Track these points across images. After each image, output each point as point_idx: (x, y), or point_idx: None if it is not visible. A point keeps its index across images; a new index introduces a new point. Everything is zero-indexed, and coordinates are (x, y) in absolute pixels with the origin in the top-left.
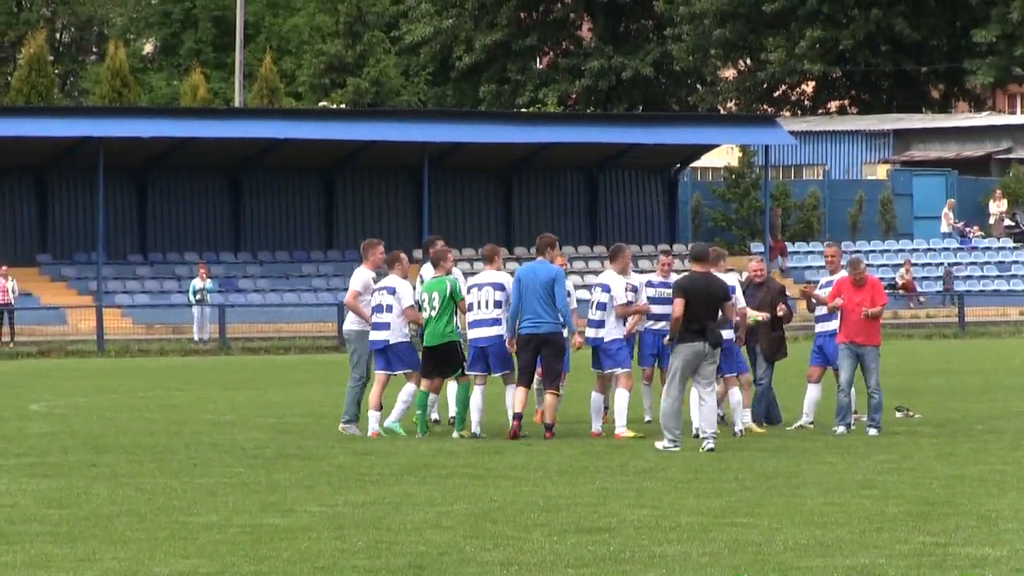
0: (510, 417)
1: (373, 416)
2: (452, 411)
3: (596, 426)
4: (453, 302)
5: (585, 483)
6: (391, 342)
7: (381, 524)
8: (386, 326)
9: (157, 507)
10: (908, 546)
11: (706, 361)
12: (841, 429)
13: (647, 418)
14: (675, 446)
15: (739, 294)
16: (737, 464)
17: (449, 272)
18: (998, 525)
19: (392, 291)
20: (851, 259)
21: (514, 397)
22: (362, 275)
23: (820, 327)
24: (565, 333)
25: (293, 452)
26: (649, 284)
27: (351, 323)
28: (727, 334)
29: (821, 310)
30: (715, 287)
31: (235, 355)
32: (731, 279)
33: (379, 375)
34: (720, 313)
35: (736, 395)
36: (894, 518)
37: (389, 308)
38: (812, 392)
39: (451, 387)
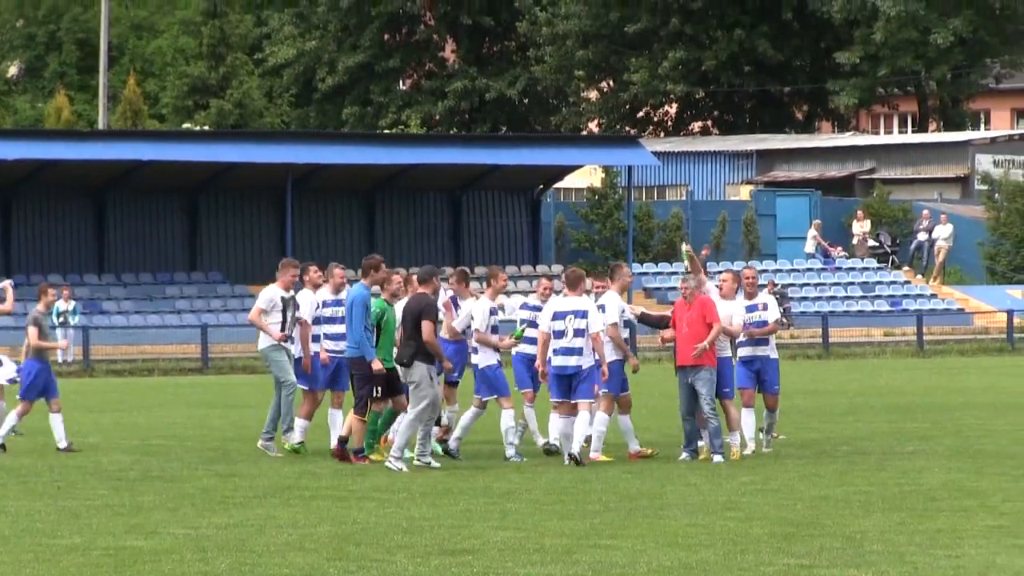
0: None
1: (301, 425)
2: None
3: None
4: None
5: (449, 504)
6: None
7: (244, 546)
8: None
9: (21, 529)
10: (773, 568)
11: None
12: (684, 456)
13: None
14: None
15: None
16: (601, 485)
17: (395, 295)
18: (863, 546)
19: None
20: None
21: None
22: (269, 293)
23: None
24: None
25: (157, 474)
26: (524, 307)
27: (264, 341)
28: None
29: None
30: (412, 306)
31: (99, 377)
32: (586, 302)
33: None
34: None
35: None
36: (758, 540)
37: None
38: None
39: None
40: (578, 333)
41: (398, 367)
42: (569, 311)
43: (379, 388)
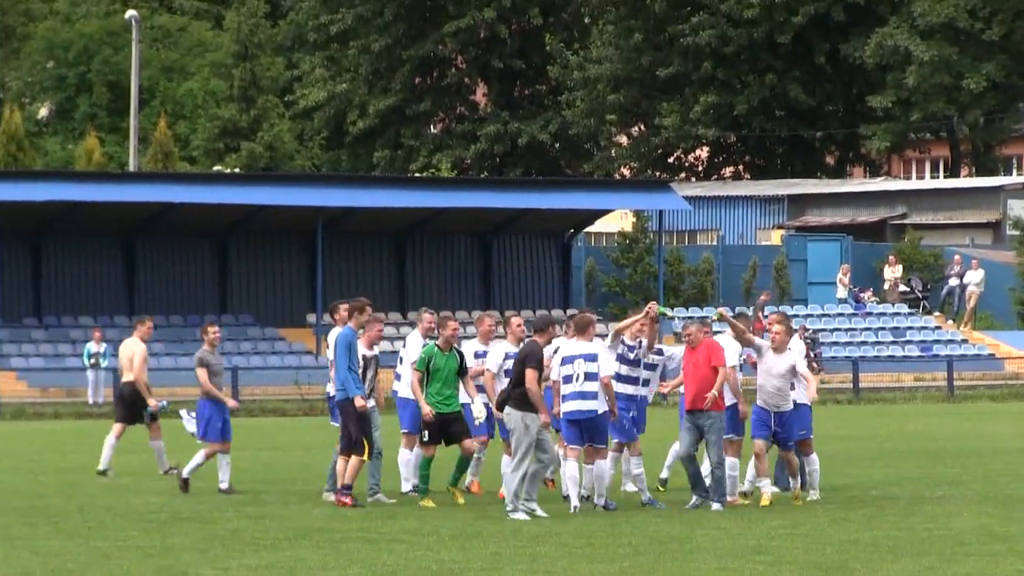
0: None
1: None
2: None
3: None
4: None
5: (478, 548)
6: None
7: None
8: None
9: (51, 570)
10: None
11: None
12: (694, 500)
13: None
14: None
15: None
16: (630, 529)
17: (449, 341)
18: None
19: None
20: (684, 324)
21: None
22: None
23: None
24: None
25: (187, 515)
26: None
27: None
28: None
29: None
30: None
31: None
32: (595, 346)
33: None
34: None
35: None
36: None
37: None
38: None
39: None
40: (589, 377)
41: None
42: (578, 355)
43: (427, 432)
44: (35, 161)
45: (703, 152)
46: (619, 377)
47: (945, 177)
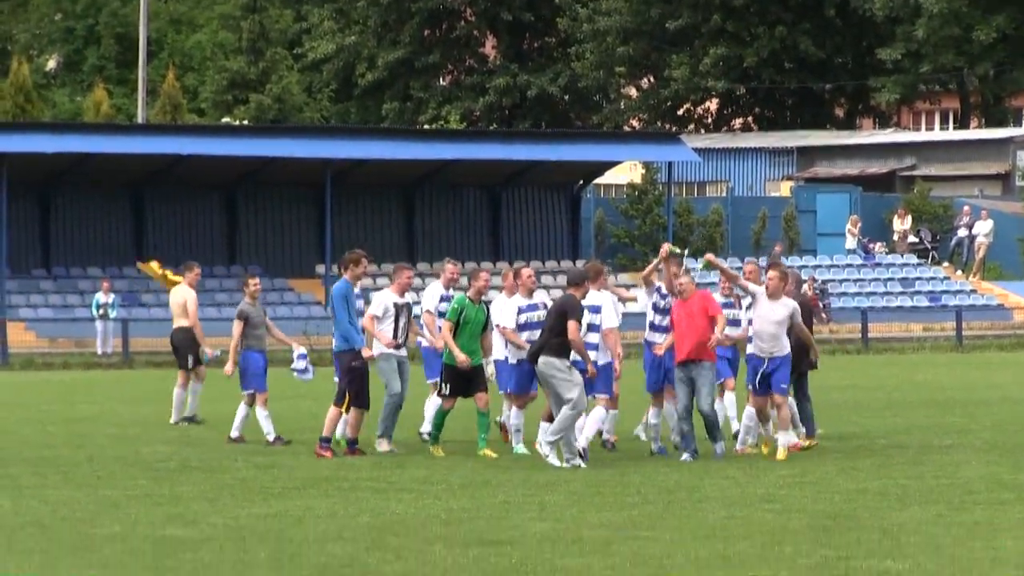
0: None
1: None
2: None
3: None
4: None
5: (487, 496)
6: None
7: (283, 536)
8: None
9: (60, 518)
10: (810, 560)
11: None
12: (685, 457)
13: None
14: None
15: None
16: (639, 478)
17: (481, 292)
18: (900, 539)
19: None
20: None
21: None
22: (382, 298)
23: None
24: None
25: (196, 465)
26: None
27: (375, 348)
28: (594, 355)
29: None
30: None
31: (138, 369)
32: (604, 297)
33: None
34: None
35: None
36: (796, 532)
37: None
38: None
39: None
40: (591, 328)
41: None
42: (585, 306)
43: (447, 385)
44: (43, 113)
45: (712, 104)
46: (652, 326)
47: (954, 129)
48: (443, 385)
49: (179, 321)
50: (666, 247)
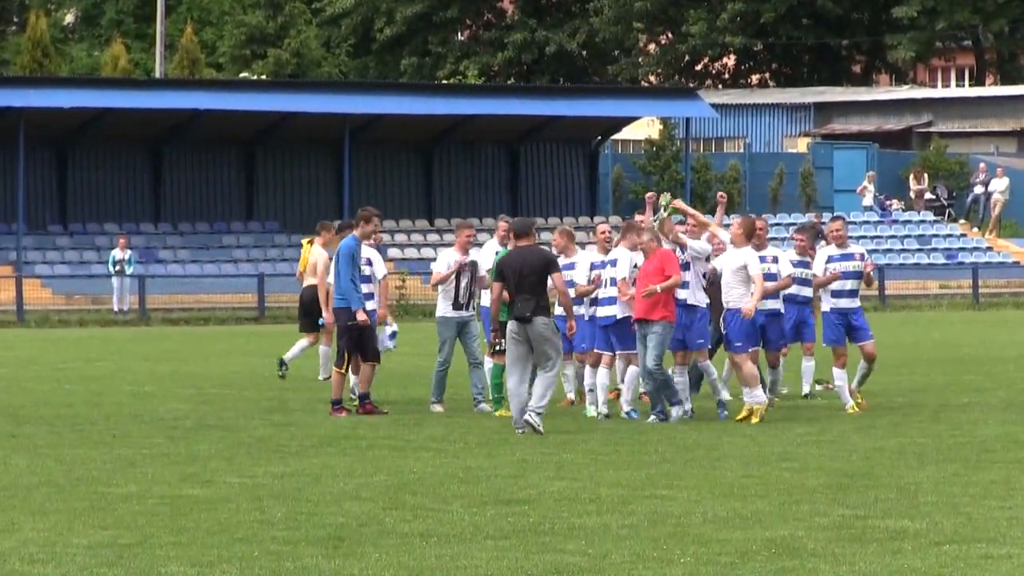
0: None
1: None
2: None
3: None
4: None
5: (505, 455)
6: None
7: (300, 495)
8: None
9: (76, 478)
10: (827, 519)
11: (534, 337)
12: (651, 419)
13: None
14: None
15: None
16: (657, 436)
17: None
18: (917, 498)
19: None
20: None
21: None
22: (446, 257)
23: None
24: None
25: (213, 423)
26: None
27: (439, 308)
28: (614, 310)
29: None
30: (531, 260)
31: (155, 326)
32: (618, 251)
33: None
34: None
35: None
36: (813, 490)
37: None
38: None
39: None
40: (611, 282)
41: (517, 323)
42: (608, 260)
43: (501, 340)
44: (61, 68)
45: (730, 60)
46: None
47: (970, 85)
48: (497, 341)
49: (309, 280)
50: (651, 196)
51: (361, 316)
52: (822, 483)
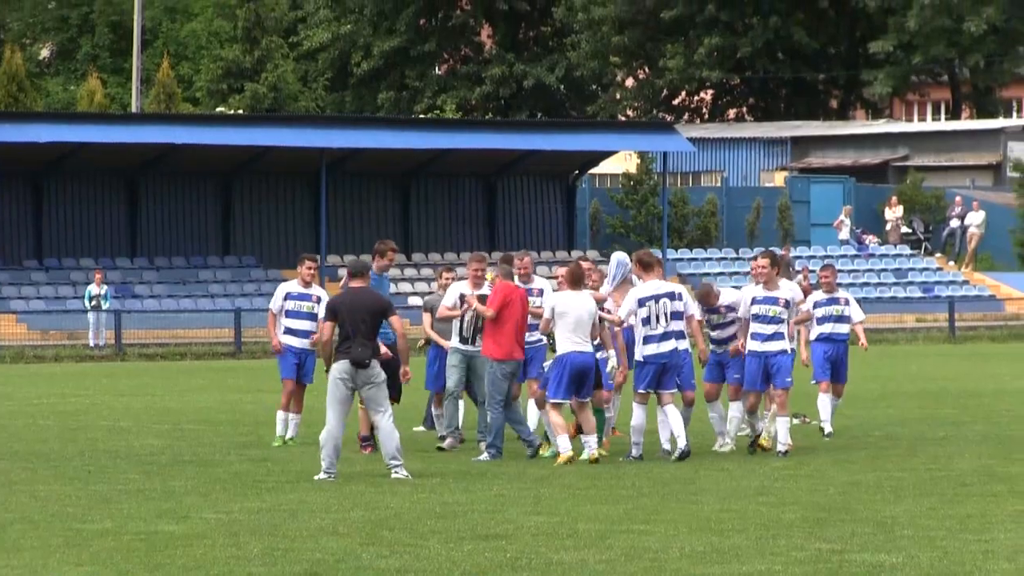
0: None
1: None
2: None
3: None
4: None
5: (482, 489)
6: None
7: (277, 531)
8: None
9: (51, 514)
10: (804, 553)
11: (365, 383)
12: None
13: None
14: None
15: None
16: (634, 471)
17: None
18: (894, 531)
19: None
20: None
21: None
22: (455, 289)
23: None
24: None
25: (189, 459)
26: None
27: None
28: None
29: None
30: (368, 302)
31: (131, 361)
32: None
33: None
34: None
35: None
36: (790, 525)
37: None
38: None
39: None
40: (675, 316)
41: (352, 366)
42: (663, 294)
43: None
44: (36, 102)
45: (707, 94)
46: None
47: (946, 119)
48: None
49: None
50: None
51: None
52: (799, 517)
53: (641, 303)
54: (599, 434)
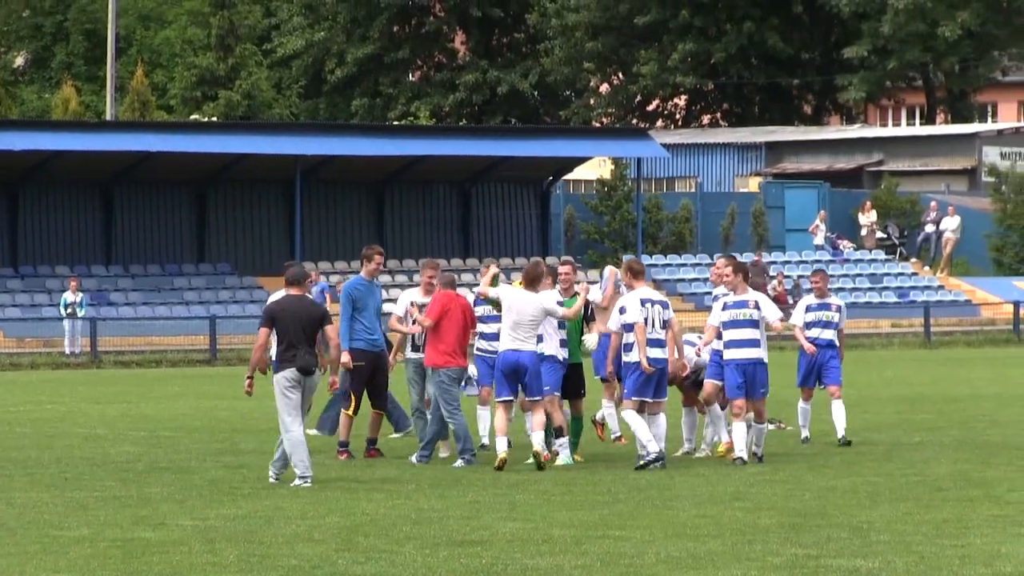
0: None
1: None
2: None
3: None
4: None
5: (457, 496)
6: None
7: (253, 538)
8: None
9: (27, 521)
10: (780, 558)
11: (306, 390)
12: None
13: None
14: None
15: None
16: (610, 477)
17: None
18: (870, 537)
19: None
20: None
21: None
22: (405, 298)
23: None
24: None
25: (165, 466)
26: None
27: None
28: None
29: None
30: (308, 311)
31: (107, 368)
32: (550, 297)
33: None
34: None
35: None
36: (766, 530)
37: None
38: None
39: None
40: (626, 328)
41: (300, 373)
42: (657, 301)
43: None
44: (11, 111)
45: (681, 100)
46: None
47: (921, 124)
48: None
49: None
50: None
51: (344, 358)
52: (775, 522)
53: (643, 303)
54: (574, 440)
